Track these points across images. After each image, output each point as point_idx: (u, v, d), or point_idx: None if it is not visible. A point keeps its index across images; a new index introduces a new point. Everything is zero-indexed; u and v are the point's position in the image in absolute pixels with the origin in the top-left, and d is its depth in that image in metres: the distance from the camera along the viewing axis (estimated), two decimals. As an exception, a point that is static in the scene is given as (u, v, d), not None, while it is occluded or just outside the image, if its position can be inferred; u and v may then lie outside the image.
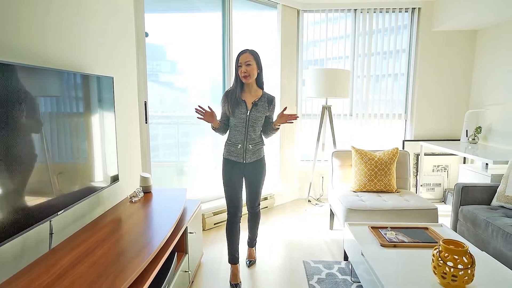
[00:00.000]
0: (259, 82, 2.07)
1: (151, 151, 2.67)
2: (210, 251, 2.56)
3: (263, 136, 2.17)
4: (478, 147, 3.23)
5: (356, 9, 3.67)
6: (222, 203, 3.11)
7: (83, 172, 1.63)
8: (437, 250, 1.41)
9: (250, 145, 2.06)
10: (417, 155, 3.82)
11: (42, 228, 1.50)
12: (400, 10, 3.67)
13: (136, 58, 2.43)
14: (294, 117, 1.93)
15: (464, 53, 3.70)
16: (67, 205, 1.50)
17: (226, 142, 2.12)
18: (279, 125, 2.05)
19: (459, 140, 3.78)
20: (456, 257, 1.35)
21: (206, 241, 2.74)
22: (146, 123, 2.59)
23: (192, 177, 3.16)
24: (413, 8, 3.66)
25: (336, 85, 3.16)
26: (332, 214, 3.00)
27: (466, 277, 1.31)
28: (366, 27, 3.70)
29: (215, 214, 3.02)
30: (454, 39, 3.67)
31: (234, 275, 2.13)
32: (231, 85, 2.52)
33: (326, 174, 3.93)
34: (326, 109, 3.45)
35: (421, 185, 3.76)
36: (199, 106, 1.91)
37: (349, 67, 3.78)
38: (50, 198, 1.38)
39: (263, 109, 2.04)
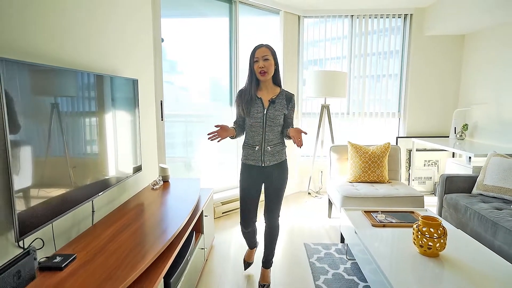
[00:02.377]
0: (276, 79, 1.89)
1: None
2: (220, 236, 2.84)
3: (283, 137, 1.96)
4: (465, 142, 3.51)
5: (352, 15, 3.94)
6: (229, 194, 3.39)
7: (115, 162, 1.91)
8: (417, 224, 1.69)
9: (268, 147, 1.87)
10: (410, 151, 4.10)
11: (85, 207, 1.77)
12: (394, 16, 3.95)
13: (154, 61, 2.70)
14: (299, 142, 1.72)
15: (453, 56, 3.98)
16: (104, 189, 1.77)
17: (243, 145, 1.96)
18: (288, 136, 1.84)
19: (448, 136, 4.06)
20: (432, 229, 1.63)
21: (216, 228, 3.02)
22: (162, 120, 2.86)
23: (199, 171, 3.42)
24: (406, 15, 3.94)
25: (334, 85, 3.44)
26: (330, 204, 3.28)
27: (439, 245, 1.59)
28: (362, 30, 3.97)
29: (223, 203, 3.30)
30: (444, 43, 3.95)
31: (249, 255, 2.26)
32: (242, 85, 2.24)
33: (325, 169, 4.21)
34: (325, 108, 3.72)
35: (413, 179, 4.04)
36: (211, 133, 1.80)
37: (346, 68, 4.06)
38: (92, 182, 1.65)
39: (282, 107, 1.86)
